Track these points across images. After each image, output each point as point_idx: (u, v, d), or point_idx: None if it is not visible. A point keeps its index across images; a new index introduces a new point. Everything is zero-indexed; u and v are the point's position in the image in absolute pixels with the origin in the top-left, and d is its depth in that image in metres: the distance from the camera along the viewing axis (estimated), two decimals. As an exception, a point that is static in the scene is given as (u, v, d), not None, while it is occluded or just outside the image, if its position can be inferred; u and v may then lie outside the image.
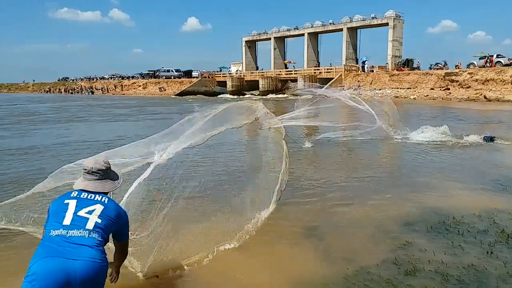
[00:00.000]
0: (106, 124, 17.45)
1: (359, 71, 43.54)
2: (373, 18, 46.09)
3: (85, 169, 2.42)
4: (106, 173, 2.47)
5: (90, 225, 2.15)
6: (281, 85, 49.28)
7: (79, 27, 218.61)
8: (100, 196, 2.35)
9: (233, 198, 4.78)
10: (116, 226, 2.34)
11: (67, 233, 2.08)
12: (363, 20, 47.16)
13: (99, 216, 2.22)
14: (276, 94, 46.24)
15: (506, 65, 33.91)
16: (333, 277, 3.22)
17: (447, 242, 3.83)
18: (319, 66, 50.20)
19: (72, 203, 2.24)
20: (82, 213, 2.19)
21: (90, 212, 2.22)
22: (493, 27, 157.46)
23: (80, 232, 2.10)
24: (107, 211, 2.29)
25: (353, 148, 9.88)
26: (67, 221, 2.13)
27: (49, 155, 9.05)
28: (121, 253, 2.62)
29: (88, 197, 2.31)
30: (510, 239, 3.85)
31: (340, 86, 41.12)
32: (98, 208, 2.26)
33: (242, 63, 60.71)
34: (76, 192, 2.34)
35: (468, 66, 37.04)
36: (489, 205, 4.95)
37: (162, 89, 57.83)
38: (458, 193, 5.62)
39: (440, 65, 39.52)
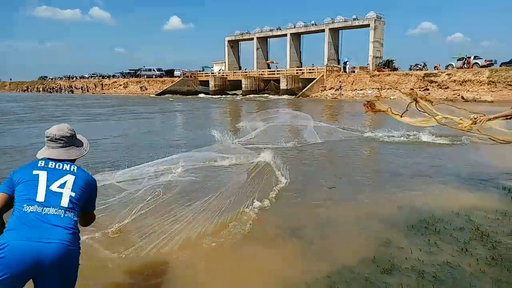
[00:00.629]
0: (87, 124, 17.18)
1: (341, 72, 44.02)
2: (354, 19, 46.67)
3: (48, 137, 2.29)
4: (71, 140, 2.36)
5: (64, 201, 2.08)
6: (264, 85, 49.42)
7: (58, 25, 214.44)
8: (69, 165, 2.25)
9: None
10: (87, 195, 2.26)
11: (42, 210, 2.00)
12: (344, 21, 47.70)
13: (72, 189, 2.15)
14: (258, 94, 46.38)
15: (483, 66, 34.84)
16: (316, 276, 3.22)
17: (425, 240, 3.89)
18: (301, 67, 50.55)
19: (43, 175, 2.14)
20: (54, 187, 2.11)
21: (62, 186, 2.14)
22: (471, 29, 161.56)
23: (56, 211, 2.03)
24: (78, 180, 2.21)
25: (332, 148, 9.96)
26: (40, 197, 2.05)
27: (31, 155, 8.83)
28: (86, 222, 2.46)
29: (57, 167, 2.21)
30: (484, 236, 3.93)
31: (322, 87, 41.60)
32: (70, 179, 2.18)
33: (225, 62, 60.64)
34: (43, 162, 2.22)
35: (446, 67, 37.90)
36: (466, 203, 5.04)
37: (144, 88, 57.26)
38: (436, 191, 5.71)
39: (419, 66, 40.29)
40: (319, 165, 8.05)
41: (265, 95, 44.84)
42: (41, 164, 2.20)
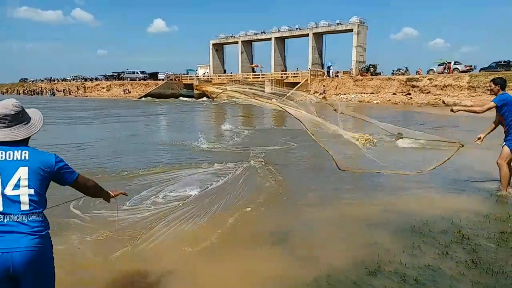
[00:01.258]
0: (71, 127, 16.93)
1: (325, 76, 44.42)
2: (338, 24, 47.19)
3: None
4: (18, 118, 2.09)
5: (24, 205, 1.94)
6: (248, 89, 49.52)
7: (40, 26, 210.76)
8: (19, 151, 2.02)
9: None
10: (51, 176, 2.09)
11: (4, 219, 1.90)
12: (328, 26, 48.19)
13: (29, 186, 1.97)
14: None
15: (463, 71, 35.69)
16: (303, 279, 3.24)
17: (409, 243, 3.95)
18: (286, 71, 50.85)
19: None
20: (9, 190, 1.93)
21: (17, 186, 1.95)
22: (451, 35, 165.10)
23: (17, 217, 1.91)
24: (32, 170, 2.00)
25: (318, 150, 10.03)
26: None
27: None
28: (86, 191, 2.33)
29: (8, 158, 1.99)
30: (465, 239, 4.03)
31: (306, 91, 41.89)
32: (23, 173, 1.98)
33: (209, 66, 60.54)
34: None
35: (428, 72, 38.68)
36: (451, 206, 5.15)
37: (127, 91, 56.69)
38: (421, 195, 5.84)
39: (402, 70, 40.96)
40: (304, 165, 8.11)
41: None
42: None
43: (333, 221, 4.76)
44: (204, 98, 45.35)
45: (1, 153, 2.00)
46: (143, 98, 48.55)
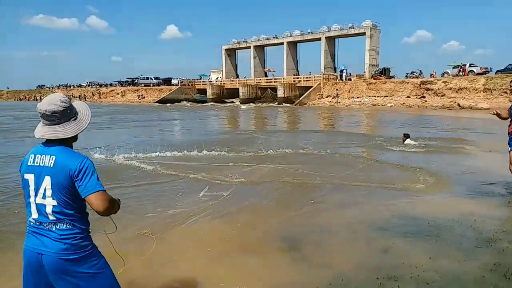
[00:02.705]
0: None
1: (337, 80, 44.22)
2: (350, 27, 47.00)
3: (39, 113, 1.98)
4: (66, 114, 2.00)
5: (50, 216, 1.96)
6: (261, 93, 49.58)
7: (55, 34, 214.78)
8: (48, 156, 1.95)
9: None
10: (72, 187, 1.94)
11: (39, 224, 1.98)
12: (340, 30, 48.03)
13: (52, 197, 1.93)
14: (257, 103, 46.58)
15: (478, 74, 35.13)
16: (318, 285, 3.22)
17: (427, 247, 3.91)
18: (298, 75, 50.75)
19: (31, 181, 1.97)
20: (39, 199, 1.96)
21: (44, 196, 1.95)
22: (466, 37, 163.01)
23: (46, 225, 1.96)
24: (55, 180, 1.93)
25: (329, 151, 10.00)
26: (34, 213, 1.98)
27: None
28: (101, 210, 1.94)
29: (40, 163, 1.95)
30: (486, 242, 3.97)
31: (319, 95, 41.80)
32: (47, 182, 1.93)
33: (222, 71, 60.86)
34: (32, 157, 1.99)
35: (442, 75, 38.21)
36: (466, 210, 5.08)
37: (141, 97, 57.27)
38: (435, 199, 5.78)
39: (415, 73, 40.56)
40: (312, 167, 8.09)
41: (268, 103, 45.20)
42: (30, 162, 1.99)
43: (345, 225, 4.71)
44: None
45: (39, 158, 1.97)
46: (168, 104, 48.66)
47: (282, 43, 53.72)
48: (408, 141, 11.27)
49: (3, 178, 7.21)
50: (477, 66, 36.66)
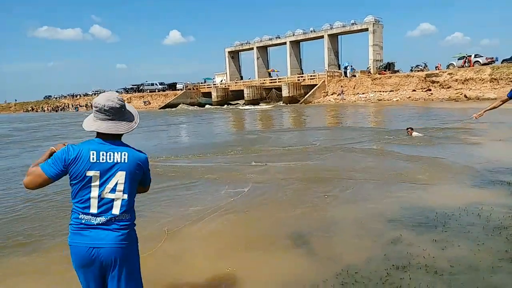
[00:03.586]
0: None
1: (342, 77, 44.08)
2: (353, 24, 46.90)
3: (96, 107, 2.05)
4: (121, 112, 2.11)
5: (116, 210, 2.04)
6: (265, 94, 49.62)
7: (60, 44, 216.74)
8: (119, 153, 2.06)
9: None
10: (140, 179, 2.17)
11: (95, 220, 2.02)
12: (343, 27, 47.95)
13: (124, 191, 2.06)
14: (262, 103, 46.63)
15: (484, 64, 34.79)
16: (325, 278, 3.23)
17: (435, 237, 3.91)
18: (302, 74, 50.71)
19: (95, 178, 2.01)
20: (106, 192, 2.03)
21: (114, 190, 2.04)
22: (471, 28, 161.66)
23: (107, 219, 2.02)
24: (130, 174, 2.07)
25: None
26: (93, 208, 2.01)
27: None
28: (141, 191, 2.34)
29: (108, 159, 2.03)
30: (496, 230, 3.96)
31: (324, 92, 41.72)
32: (120, 177, 2.04)
33: (226, 73, 61.02)
34: (95, 154, 2.01)
35: (447, 66, 37.89)
36: (473, 199, 5.06)
37: (147, 103, 57.56)
38: (442, 188, 5.76)
39: (420, 67, 40.28)
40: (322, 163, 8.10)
41: (272, 103, 45.28)
42: (93, 159, 2.01)
43: (352, 218, 4.72)
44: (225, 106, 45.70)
45: (103, 154, 2.03)
46: (173, 109, 48.98)
47: (284, 43, 53.76)
48: (415, 133, 11.29)
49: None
50: (482, 56, 36.32)
